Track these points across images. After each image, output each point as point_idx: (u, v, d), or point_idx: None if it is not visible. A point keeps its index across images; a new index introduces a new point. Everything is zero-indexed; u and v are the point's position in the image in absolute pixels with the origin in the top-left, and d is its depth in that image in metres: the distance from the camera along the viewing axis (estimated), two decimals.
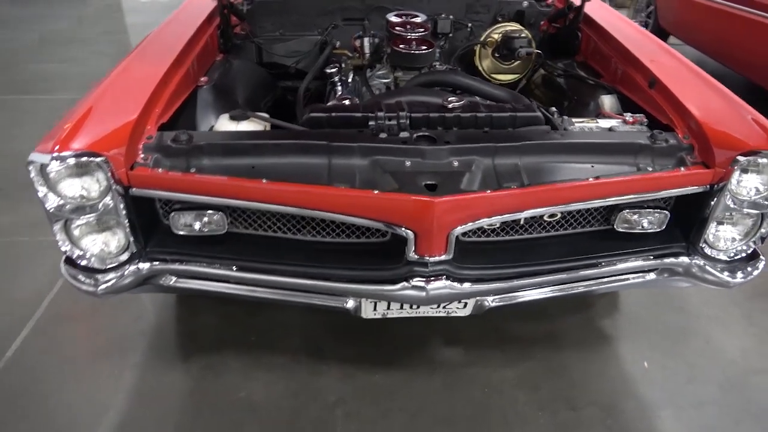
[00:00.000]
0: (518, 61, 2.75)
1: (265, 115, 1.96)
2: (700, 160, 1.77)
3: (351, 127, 1.84)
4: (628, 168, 1.76)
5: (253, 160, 1.71)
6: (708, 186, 1.75)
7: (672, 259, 1.88)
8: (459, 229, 1.61)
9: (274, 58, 2.89)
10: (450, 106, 1.85)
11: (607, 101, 2.25)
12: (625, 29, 2.47)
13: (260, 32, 2.90)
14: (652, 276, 1.94)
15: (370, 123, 1.82)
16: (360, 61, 2.82)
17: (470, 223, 1.62)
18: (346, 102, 2.27)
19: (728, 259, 1.88)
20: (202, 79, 2.25)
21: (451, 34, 2.89)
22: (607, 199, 1.72)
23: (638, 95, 2.15)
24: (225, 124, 1.89)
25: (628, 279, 1.94)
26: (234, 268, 1.77)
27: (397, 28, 2.47)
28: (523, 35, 2.57)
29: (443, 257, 1.67)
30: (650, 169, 1.76)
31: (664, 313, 2.59)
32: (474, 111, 1.86)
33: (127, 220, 1.69)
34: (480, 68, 2.83)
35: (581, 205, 1.71)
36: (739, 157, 1.66)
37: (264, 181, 1.62)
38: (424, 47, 2.31)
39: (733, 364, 2.35)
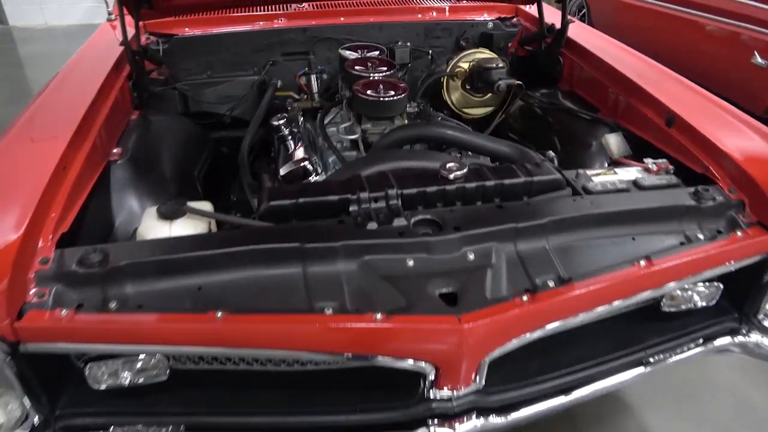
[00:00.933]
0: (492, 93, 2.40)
1: (208, 206, 1.48)
2: (755, 219, 1.46)
3: (327, 215, 1.40)
4: (675, 238, 1.43)
5: (198, 279, 1.24)
6: None
7: (726, 339, 1.56)
8: (495, 353, 1.21)
9: (203, 107, 2.39)
10: (451, 176, 1.44)
11: (614, 141, 1.92)
12: (617, 52, 2.17)
13: (183, 76, 2.39)
14: (696, 351, 1.62)
15: (352, 208, 1.39)
16: (309, 103, 2.37)
17: (510, 343, 1.21)
18: (306, 164, 1.83)
19: None
20: (115, 150, 1.73)
21: (410, 64, 2.50)
22: (663, 288, 1.37)
23: (652, 134, 1.83)
24: (153, 225, 1.38)
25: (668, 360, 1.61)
26: (182, 428, 1.28)
27: (356, 67, 2.04)
28: (499, 65, 2.21)
29: (471, 388, 1.26)
30: (700, 236, 1.43)
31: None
32: (480, 179, 1.46)
33: (20, 384, 1.17)
34: (449, 102, 2.45)
35: (634, 300, 1.35)
36: None
37: (218, 314, 1.15)
38: (394, 92, 1.89)
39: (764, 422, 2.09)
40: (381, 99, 1.84)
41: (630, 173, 1.69)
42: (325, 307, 1.18)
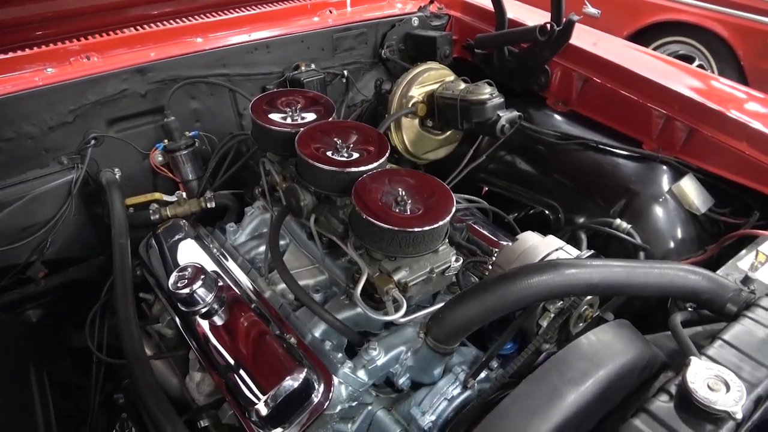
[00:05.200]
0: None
1: None
2: None
3: None
4: None
5: None
6: None
7: None
8: None
9: None
10: (727, 407, 0.72)
11: (693, 189, 1.38)
12: (641, 57, 1.60)
13: None
14: None
15: None
16: (196, 205, 1.36)
17: None
18: (305, 375, 0.93)
19: None
20: None
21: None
22: None
23: (754, 177, 1.33)
24: None
25: None
26: None
27: (319, 151, 1.10)
28: (494, 94, 1.46)
29: None
30: None
31: None
32: None
33: None
34: (400, 145, 1.64)
35: None
36: None
37: None
38: (428, 196, 1.03)
39: None
40: (425, 228, 0.96)
41: None
42: None
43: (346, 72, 1.70)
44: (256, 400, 0.94)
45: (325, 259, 1.18)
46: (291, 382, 0.94)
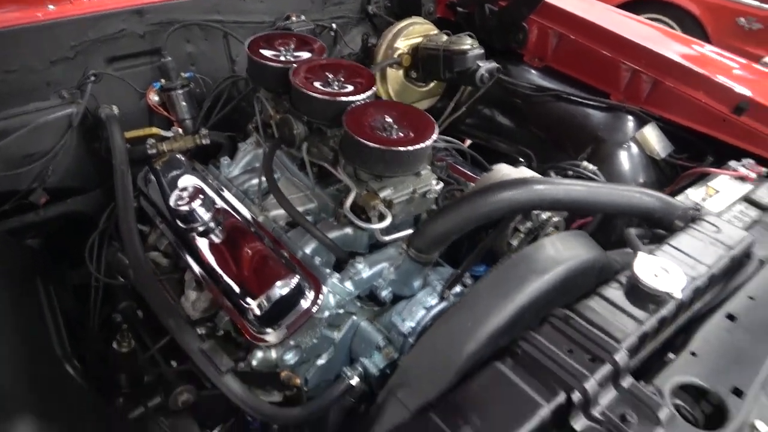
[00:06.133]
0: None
1: None
2: None
3: None
4: None
5: None
6: None
7: None
8: None
9: None
10: (661, 287, 0.83)
11: (655, 137, 1.50)
12: (614, 16, 1.70)
13: None
14: None
15: (579, 426, 0.71)
16: (192, 141, 1.43)
17: None
18: (296, 281, 1.03)
19: None
20: None
21: None
22: None
23: (707, 124, 1.45)
24: None
25: None
26: None
27: (309, 81, 1.18)
28: (474, 45, 1.55)
29: None
30: None
31: None
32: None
33: None
34: (385, 96, 1.73)
35: None
36: None
37: None
38: (419, 126, 1.12)
39: None
40: (404, 149, 1.06)
41: (730, 188, 1.30)
42: None
43: (334, 25, 1.77)
44: (251, 302, 1.03)
45: (315, 188, 1.27)
46: (284, 286, 1.03)
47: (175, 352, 1.23)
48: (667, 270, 0.86)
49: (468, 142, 1.85)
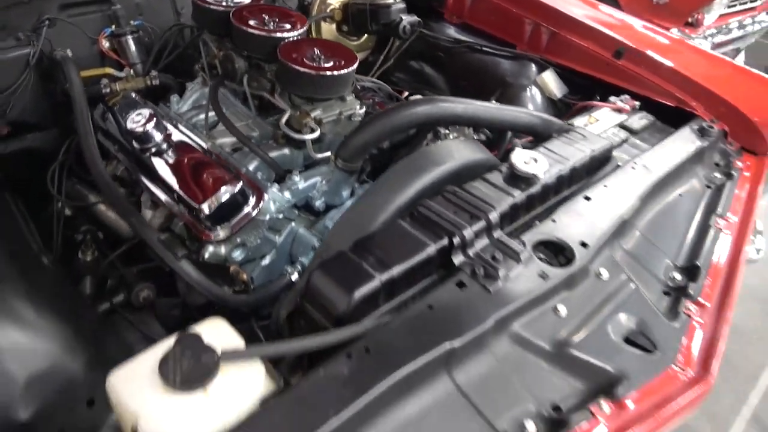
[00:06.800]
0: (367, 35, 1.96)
1: (226, 328, 0.80)
2: (738, 146, 1.49)
3: (423, 276, 0.92)
4: (700, 183, 1.37)
5: None
6: None
7: None
8: None
9: None
10: (532, 171, 1.07)
11: (552, 81, 1.75)
12: None
13: None
14: None
15: (457, 259, 0.93)
16: (142, 82, 1.58)
17: None
18: (240, 186, 1.21)
19: None
20: None
21: None
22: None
23: (594, 68, 1.71)
24: (166, 406, 0.69)
25: None
26: None
27: (247, 19, 1.36)
28: (398, 2, 1.76)
29: None
30: (717, 175, 1.40)
31: None
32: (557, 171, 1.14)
33: None
34: None
35: None
36: None
37: None
38: (342, 60, 1.31)
39: None
40: (330, 74, 1.25)
41: (608, 117, 1.56)
42: (526, 419, 0.78)
43: None
44: (202, 205, 1.20)
45: (256, 117, 1.45)
46: (229, 190, 1.21)
47: (133, 261, 1.40)
48: (536, 159, 1.10)
49: (405, 94, 2.06)
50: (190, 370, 0.70)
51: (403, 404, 0.77)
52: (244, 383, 0.73)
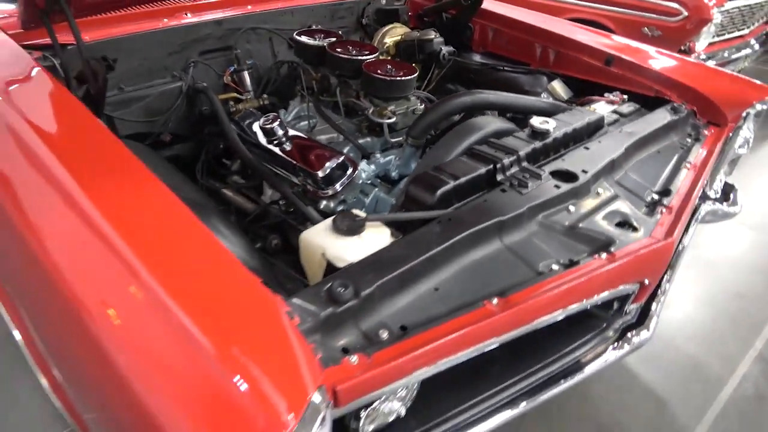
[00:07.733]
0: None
1: (362, 214, 1.32)
2: (706, 120, 1.98)
3: (478, 189, 1.42)
4: (675, 146, 1.85)
5: (431, 280, 1.17)
6: None
7: None
8: None
9: (136, 128, 1.96)
10: (544, 127, 1.58)
11: (559, 87, 2.28)
12: (523, 13, 2.52)
13: None
14: None
15: (500, 177, 1.43)
16: (257, 102, 2.17)
17: None
18: (341, 159, 1.73)
19: None
20: None
21: None
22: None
23: (592, 74, 2.24)
24: (347, 245, 1.21)
25: None
26: None
27: (338, 50, 1.95)
28: (437, 37, 2.35)
29: None
30: (688, 140, 1.88)
31: None
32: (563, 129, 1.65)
33: None
34: None
35: None
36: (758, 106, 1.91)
37: (493, 302, 1.13)
38: (405, 70, 1.89)
39: None
40: (399, 78, 1.82)
41: (602, 107, 2.08)
42: (552, 263, 1.25)
43: (340, 32, 2.55)
44: (318, 171, 1.73)
45: (345, 118, 2.00)
46: (336, 160, 1.74)
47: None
48: (548, 121, 1.62)
49: None
50: (350, 225, 1.22)
51: (473, 252, 1.26)
52: (379, 233, 1.24)
